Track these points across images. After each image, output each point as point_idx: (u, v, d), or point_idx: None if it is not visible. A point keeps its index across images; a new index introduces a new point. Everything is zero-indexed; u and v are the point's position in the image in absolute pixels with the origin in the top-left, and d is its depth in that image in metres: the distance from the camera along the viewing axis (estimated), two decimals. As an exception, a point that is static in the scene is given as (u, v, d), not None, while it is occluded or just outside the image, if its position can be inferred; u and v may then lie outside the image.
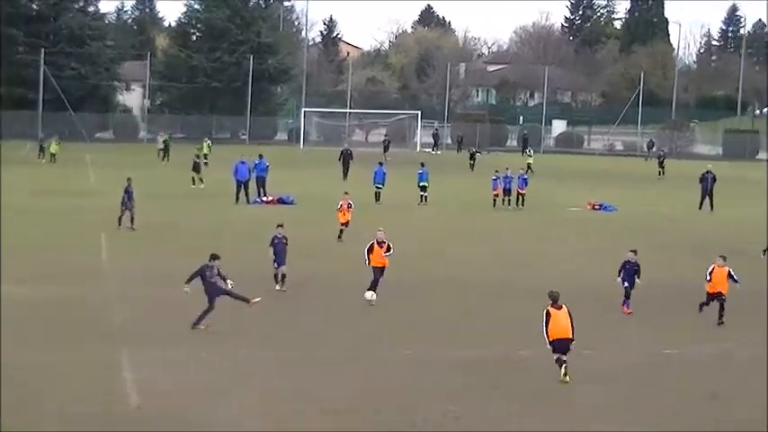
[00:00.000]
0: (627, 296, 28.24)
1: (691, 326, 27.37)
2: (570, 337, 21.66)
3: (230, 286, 25.45)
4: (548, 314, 21.72)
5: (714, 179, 56.19)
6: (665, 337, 26.11)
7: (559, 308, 21.73)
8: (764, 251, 38.42)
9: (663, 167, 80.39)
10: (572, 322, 21.73)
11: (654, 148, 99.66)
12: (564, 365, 21.46)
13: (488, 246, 41.01)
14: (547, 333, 21.62)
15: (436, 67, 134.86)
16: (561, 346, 21.63)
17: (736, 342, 25.71)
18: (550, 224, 48.43)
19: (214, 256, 25.26)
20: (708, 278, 27.18)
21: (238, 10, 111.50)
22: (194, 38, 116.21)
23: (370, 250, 28.63)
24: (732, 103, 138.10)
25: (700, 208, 55.42)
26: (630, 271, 28.07)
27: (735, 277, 27.14)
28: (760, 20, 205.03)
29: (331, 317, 27.31)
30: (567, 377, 21.37)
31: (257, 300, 25.71)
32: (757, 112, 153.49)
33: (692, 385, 21.99)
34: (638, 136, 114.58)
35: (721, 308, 27.11)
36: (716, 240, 43.22)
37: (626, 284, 28.12)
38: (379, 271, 28.56)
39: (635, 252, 28.48)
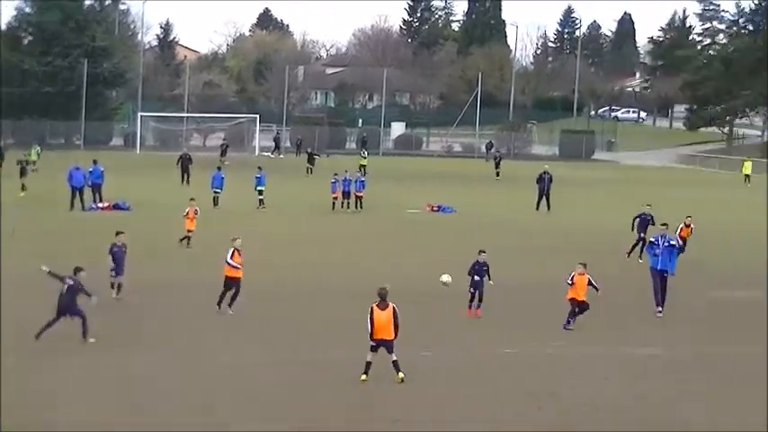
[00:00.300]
0: (472, 299, 27.97)
1: (530, 325, 27.46)
2: (390, 337, 21.39)
3: (94, 302, 24.56)
4: (371, 312, 21.49)
5: (551, 179, 56.69)
6: (504, 336, 26.03)
7: (384, 307, 21.45)
8: (629, 253, 38.66)
9: (499, 168, 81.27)
10: (396, 322, 21.41)
11: (493, 150, 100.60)
12: (395, 364, 21.33)
13: (327, 248, 40.57)
14: (370, 331, 21.48)
15: (274, 70, 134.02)
16: (381, 344, 21.44)
17: (568, 341, 25.85)
18: (390, 226, 48.23)
19: (77, 269, 24.51)
20: (570, 283, 26.91)
21: (72, 13, 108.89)
22: (26, 42, 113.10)
23: (232, 256, 27.79)
24: (568, 104, 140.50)
25: (537, 208, 55.85)
26: (480, 271, 27.79)
27: (595, 285, 26.97)
28: (595, 21, 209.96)
29: (173, 322, 26.85)
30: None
31: (92, 340, 24.34)
32: (593, 112, 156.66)
33: (530, 384, 21.89)
34: (477, 137, 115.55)
35: (578, 313, 26.97)
36: (557, 241, 44.02)
37: (472, 290, 27.82)
38: (232, 281, 27.89)
39: (484, 252, 28.21)
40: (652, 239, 29.74)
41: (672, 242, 29.76)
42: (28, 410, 19.35)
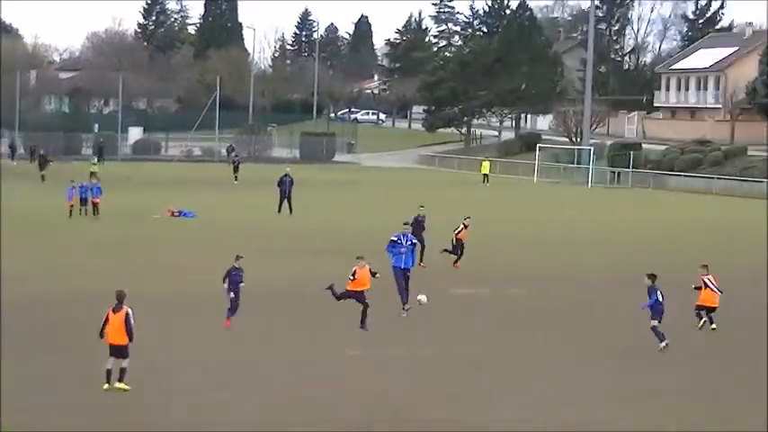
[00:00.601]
0: (232, 307, 26.74)
1: (294, 327, 27.06)
2: (123, 342, 20.65)
3: None
4: (106, 316, 20.82)
5: (292, 182, 56.37)
6: (266, 337, 25.61)
7: (119, 310, 20.71)
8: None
9: (237, 173, 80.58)
10: (128, 327, 20.64)
11: (233, 153, 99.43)
12: (121, 371, 20.59)
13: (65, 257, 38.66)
14: (103, 336, 20.82)
15: (4, 74, 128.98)
16: (115, 351, 20.69)
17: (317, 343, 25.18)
18: (129, 233, 46.49)
19: None
20: (352, 277, 26.50)
21: None
22: None
23: None
24: (308, 106, 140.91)
25: (279, 211, 55.34)
26: (236, 278, 26.61)
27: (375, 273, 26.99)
28: (332, 24, 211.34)
29: None
30: (122, 385, 20.57)
31: None
32: (332, 115, 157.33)
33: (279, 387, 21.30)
34: (217, 141, 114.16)
35: (364, 312, 26.62)
36: (300, 243, 43.80)
37: (232, 295, 26.63)
38: None
39: (241, 257, 27.28)
40: (394, 238, 29.32)
41: (414, 240, 29.66)
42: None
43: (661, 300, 25.36)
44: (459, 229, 38.16)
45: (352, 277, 26.57)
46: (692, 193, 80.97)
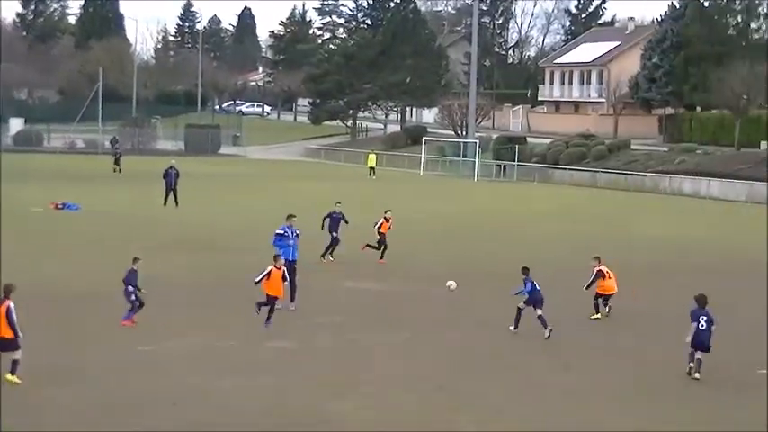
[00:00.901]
0: (133, 308, 26.21)
1: (167, 322, 26.60)
2: (8, 335, 20.23)
3: None
4: None
5: (177, 174, 56.04)
6: (141, 334, 25.10)
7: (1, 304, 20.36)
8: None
9: (119, 165, 79.76)
10: (9, 320, 20.24)
11: (117, 145, 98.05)
12: (12, 364, 20.31)
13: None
14: None
15: None
16: (1, 344, 20.36)
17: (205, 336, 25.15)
18: (12, 226, 45.44)
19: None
20: (266, 276, 26.12)
21: None
22: None
23: None
24: (192, 98, 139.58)
25: (165, 204, 54.95)
26: (133, 278, 26.07)
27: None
28: (215, 16, 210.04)
29: None
30: (13, 378, 20.27)
31: None
32: (217, 107, 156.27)
33: (173, 381, 21.32)
34: (100, 133, 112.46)
35: (271, 310, 26.43)
36: (196, 234, 43.56)
37: (133, 298, 26.09)
38: None
39: (139, 259, 26.65)
40: (280, 231, 29.31)
41: (298, 232, 29.62)
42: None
43: (538, 288, 26.24)
44: (380, 222, 38.07)
45: (266, 276, 26.17)
46: (577, 187, 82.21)
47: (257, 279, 26.34)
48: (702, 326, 22.65)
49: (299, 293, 28.51)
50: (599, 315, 28.92)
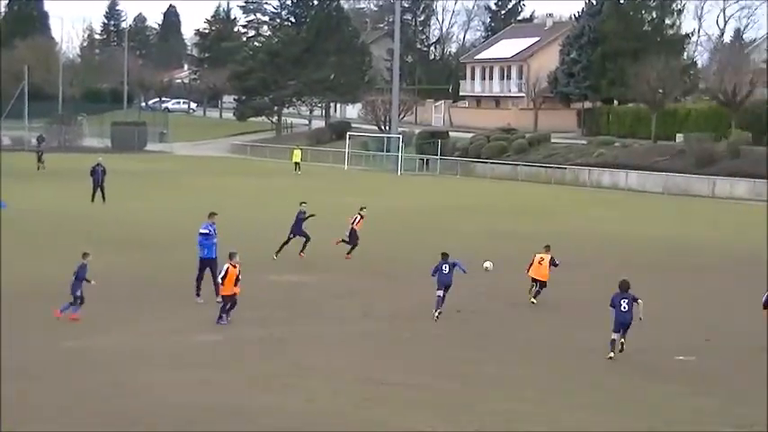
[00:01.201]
0: (75, 302, 26.64)
1: (93, 318, 26.77)
2: None
3: None
4: None
5: (104, 171, 56.54)
6: (67, 331, 25.36)
7: None
8: (276, 253, 37.19)
9: (42, 162, 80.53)
10: None
11: (44, 143, 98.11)
12: None
13: None
14: None
15: None
16: None
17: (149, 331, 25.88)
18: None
19: None
20: (223, 275, 26.40)
21: None
22: None
23: None
24: (119, 95, 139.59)
25: (92, 200, 55.37)
26: (83, 272, 26.64)
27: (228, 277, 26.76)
28: (141, 13, 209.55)
29: None
30: None
31: None
32: (144, 104, 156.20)
33: (99, 377, 21.52)
34: (27, 131, 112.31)
35: (230, 308, 26.67)
36: (125, 231, 43.82)
37: (78, 293, 26.59)
38: None
39: (88, 254, 27.21)
40: (204, 231, 29.57)
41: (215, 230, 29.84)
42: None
43: (446, 273, 27.51)
44: (356, 219, 38.30)
45: (223, 275, 26.35)
46: (499, 180, 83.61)
47: (220, 278, 26.54)
48: (624, 308, 23.88)
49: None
50: (533, 298, 30.35)
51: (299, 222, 37.35)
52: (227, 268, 26.34)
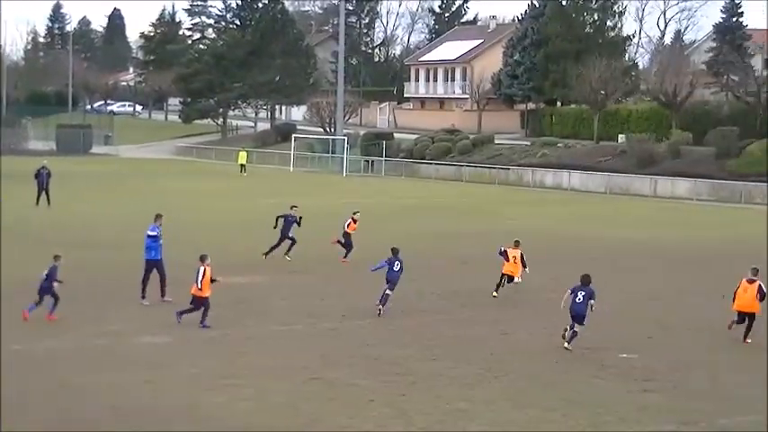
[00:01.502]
0: (38, 303, 26.80)
1: (40, 320, 26.58)
2: None
3: None
4: None
5: (49, 174, 56.29)
6: (13, 333, 25.20)
7: None
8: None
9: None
10: None
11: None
12: None
13: None
14: None
15: None
16: None
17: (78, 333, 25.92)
18: None
19: None
20: (200, 279, 26.27)
21: None
22: None
23: None
24: (63, 98, 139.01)
25: (37, 203, 55.12)
26: (54, 273, 26.70)
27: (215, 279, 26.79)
28: (85, 17, 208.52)
29: None
30: None
31: None
32: (89, 107, 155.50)
33: (45, 379, 21.40)
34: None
35: (193, 309, 26.69)
36: (71, 234, 43.55)
37: (51, 293, 26.71)
38: None
39: (59, 257, 27.26)
40: (152, 233, 29.48)
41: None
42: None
43: (397, 270, 28.11)
44: (348, 222, 38.40)
45: (200, 278, 26.28)
46: (443, 181, 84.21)
47: (199, 282, 26.26)
48: (579, 299, 24.55)
49: (169, 288, 29.30)
50: (496, 294, 31.00)
51: (289, 225, 37.70)
52: (204, 270, 26.31)
